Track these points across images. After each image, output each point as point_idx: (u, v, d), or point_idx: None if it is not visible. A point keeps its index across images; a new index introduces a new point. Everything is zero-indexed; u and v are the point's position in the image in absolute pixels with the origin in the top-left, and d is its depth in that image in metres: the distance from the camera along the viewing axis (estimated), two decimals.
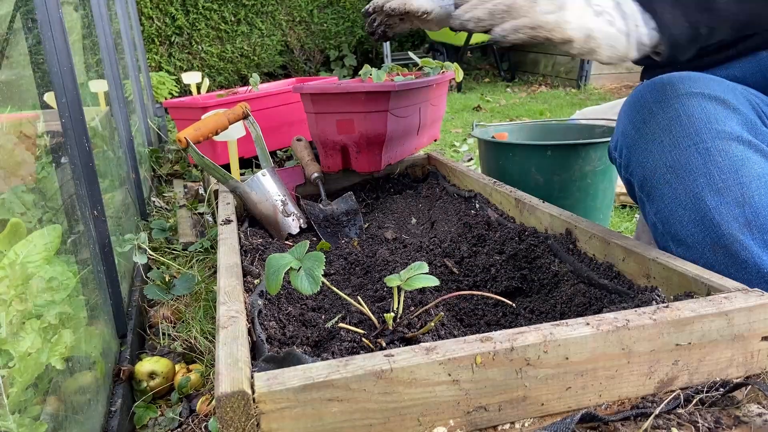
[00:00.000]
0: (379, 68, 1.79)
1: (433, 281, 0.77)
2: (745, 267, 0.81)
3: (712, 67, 0.99)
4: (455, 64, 1.87)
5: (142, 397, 1.05)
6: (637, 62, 0.97)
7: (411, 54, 2.52)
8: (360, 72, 1.79)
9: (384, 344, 0.76)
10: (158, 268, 1.58)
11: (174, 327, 1.29)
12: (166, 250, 1.73)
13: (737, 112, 0.85)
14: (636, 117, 0.91)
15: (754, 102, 0.92)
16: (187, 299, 1.40)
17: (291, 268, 0.75)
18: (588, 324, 0.66)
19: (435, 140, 1.90)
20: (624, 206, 2.11)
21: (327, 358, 0.69)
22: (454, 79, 1.88)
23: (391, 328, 0.79)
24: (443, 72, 1.81)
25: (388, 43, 5.45)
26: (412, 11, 1.18)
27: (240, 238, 1.17)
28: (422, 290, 0.93)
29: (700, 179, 0.83)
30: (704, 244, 0.84)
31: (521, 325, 0.83)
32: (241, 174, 1.72)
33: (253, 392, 0.58)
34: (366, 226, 1.46)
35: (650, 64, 1.13)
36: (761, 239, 0.80)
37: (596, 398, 0.67)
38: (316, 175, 1.56)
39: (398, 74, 1.80)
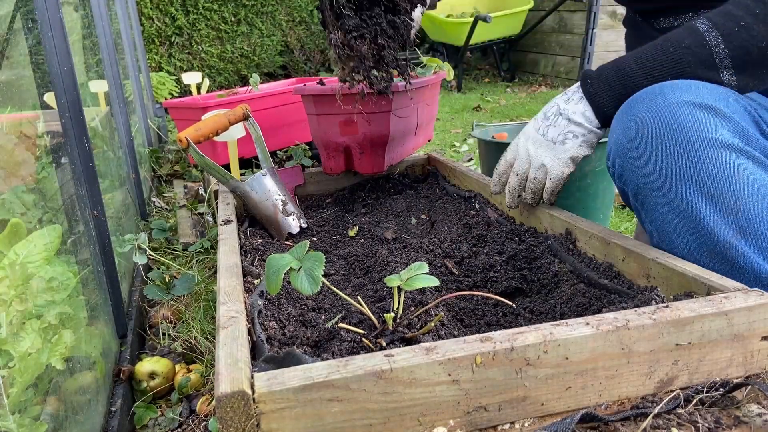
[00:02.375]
0: None
1: (433, 281, 0.77)
2: (743, 272, 0.81)
3: None
4: (446, 63, 1.87)
5: (142, 397, 1.05)
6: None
7: (418, 51, 2.53)
8: None
9: (384, 344, 0.76)
10: (158, 269, 1.58)
11: (174, 327, 1.29)
12: (166, 250, 1.73)
13: (729, 120, 0.86)
14: (628, 126, 0.91)
15: (750, 107, 0.92)
16: (187, 299, 1.40)
17: (291, 268, 0.75)
18: (588, 324, 0.66)
19: (429, 140, 1.90)
20: (624, 206, 2.11)
21: (327, 358, 0.69)
22: (454, 78, 1.88)
23: (391, 328, 0.79)
24: (436, 72, 1.81)
25: None
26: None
27: (240, 239, 1.17)
28: (422, 290, 0.93)
29: (693, 187, 0.83)
30: (701, 251, 0.84)
31: (521, 325, 0.83)
32: (241, 174, 1.72)
33: (253, 392, 0.58)
34: (366, 226, 1.46)
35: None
36: (756, 245, 0.81)
37: (596, 398, 0.67)
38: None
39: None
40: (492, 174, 1.67)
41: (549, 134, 1.02)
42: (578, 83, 1.01)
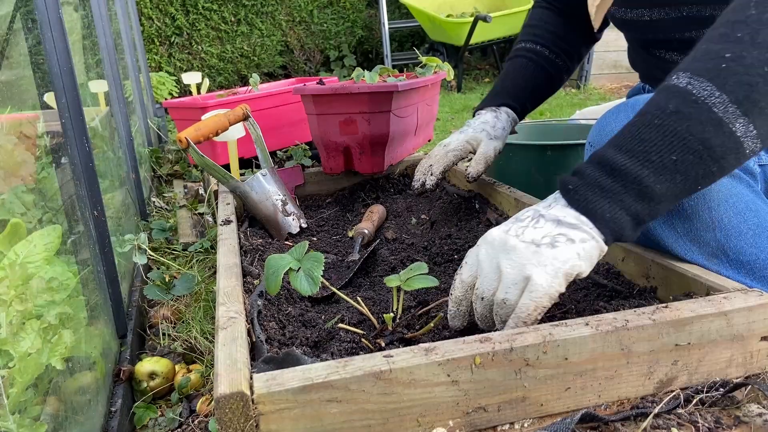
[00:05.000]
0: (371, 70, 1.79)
1: (433, 282, 0.77)
2: None
3: None
4: (446, 63, 1.87)
5: (142, 397, 1.05)
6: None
7: (417, 51, 2.53)
8: (353, 74, 1.79)
9: (383, 345, 0.76)
10: (158, 269, 1.58)
11: (174, 327, 1.29)
12: (166, 250, 1.73)
13: None
14: (603, 143, 0.90)
15: None
16: (187, 299, 1.40)
17: (290, 268, 0.75)
18: (587, 324, 0.66)
19: (429, 140, 1.90)
20: None
21: (326, 359, 0.69)
22: (454, 78, 1.88)
23: (390, 328, 0.79)
24: (436, 72, 1.81)
25: (388, 43, 5.45)
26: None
27: (240, 239, 1.17)
28: (423, 291, 0.93)
29: None
30: None
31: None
32: (241, 174, 1.72)
33: (252, 393, 0.58)
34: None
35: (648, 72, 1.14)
36: (735, 260, 0.81)
37: (596, 398, 0.67)
38: (361, 232, 1.35)
39: (389, 75, 1.79)
40: (491, 174, 1.67)
41: (527, 235, 0.72)
42: (554, 194, 0.78)
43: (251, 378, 0.60)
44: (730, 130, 0.67)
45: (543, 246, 0.70)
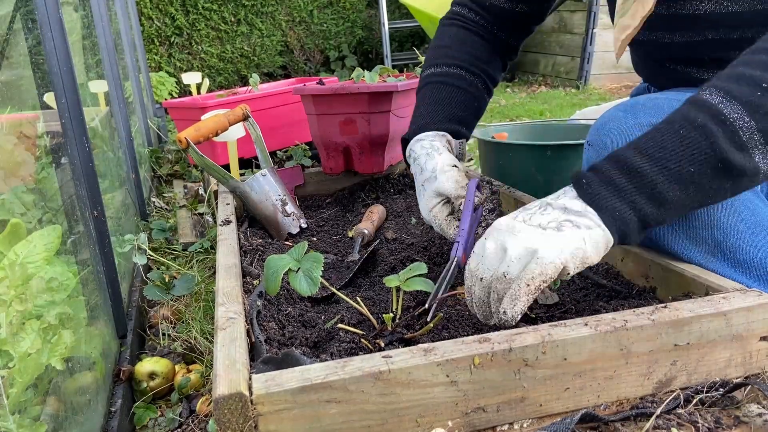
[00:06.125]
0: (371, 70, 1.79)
1: (430, 286, 0.77)
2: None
3: None
4: None
5: (142, 397, 1.06)
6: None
7: (417, 52, 2.53)
8: (353, 74, 1.79)
9: (383, 345, 0.76)
10: (158, 269, 1.58)
11: (174, 327, 1.29)
12: (166, 250, 1.74)
13: None
14: (600, 146, 0.90)
15: None
16: (187, 299, 1.40)
17: (290, 269, 0.75)
18: (586, 324, 0.66)
19: None
20: None
21: (326, 359, 0.69)
22: None
23: (390, 328, 0.79)
24: None
25: (388, 43, 5.45)
26: None
27: (239, 239, 1.17)
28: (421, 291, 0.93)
29: None
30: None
31: (519, 326, 0.83)
32: (241, 174, 1.72)
33: (251, 394, 0.58)
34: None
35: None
36: (733, 259, 0.82)
37: (595, 399, 0.67)
38: (361, 232, 1.34)
39: (389, 75, 1.79)
40: (491, 174, 1.67)
41: (534, 220, 0.73)
42: (564, 188, 0.77)
43: (250, 379, 0.60)
44: (750, 155, 0.69)
45: (549, 229, 0.71)
